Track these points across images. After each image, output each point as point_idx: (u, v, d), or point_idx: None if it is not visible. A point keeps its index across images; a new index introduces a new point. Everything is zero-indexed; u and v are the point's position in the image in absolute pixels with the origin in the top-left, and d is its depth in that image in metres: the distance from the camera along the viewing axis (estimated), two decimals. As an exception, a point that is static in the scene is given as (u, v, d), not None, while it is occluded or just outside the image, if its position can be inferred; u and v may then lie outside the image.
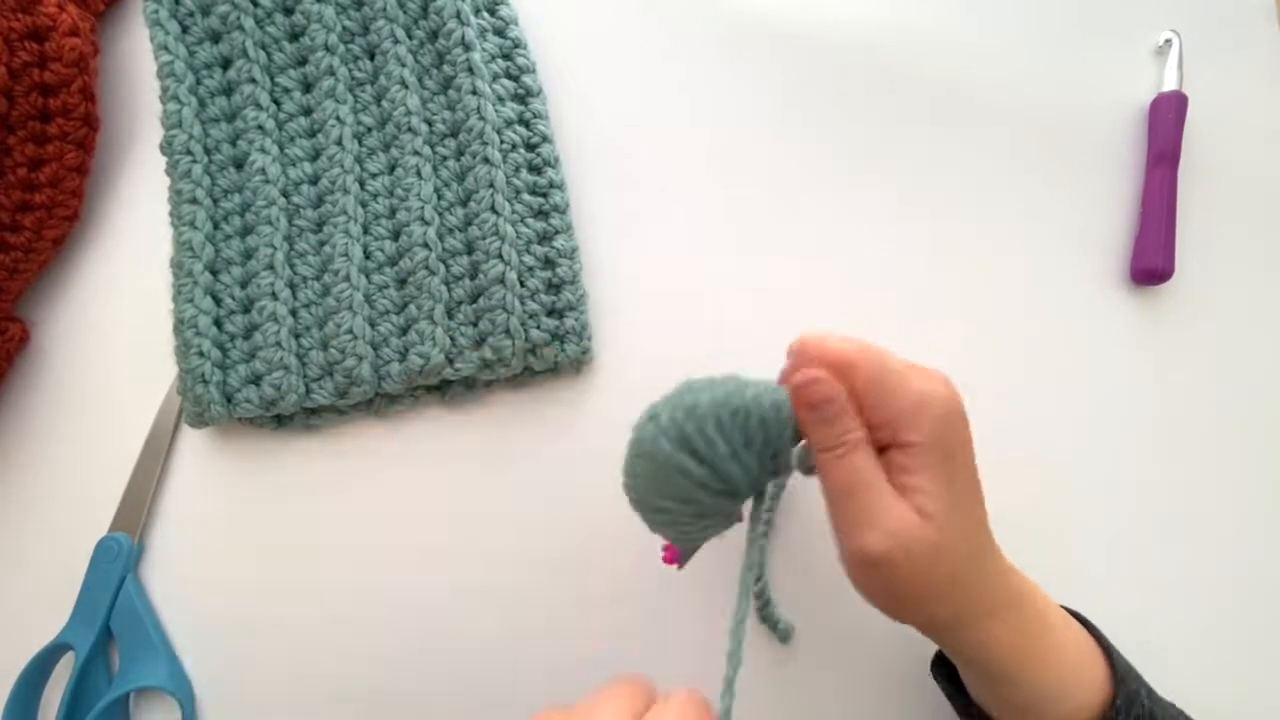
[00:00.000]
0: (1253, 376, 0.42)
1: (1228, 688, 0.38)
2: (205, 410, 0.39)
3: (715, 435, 0.28)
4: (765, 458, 0.29)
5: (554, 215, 0.41)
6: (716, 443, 0.28)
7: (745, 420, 0.28)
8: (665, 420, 0.28)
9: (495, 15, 0.43)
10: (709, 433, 0.28)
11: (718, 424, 0.28)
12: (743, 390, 0.28)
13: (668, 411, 0.28)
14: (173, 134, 0.41)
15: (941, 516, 0.27)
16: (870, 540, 0.26)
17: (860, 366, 0.27)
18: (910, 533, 0.26)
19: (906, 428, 0.27)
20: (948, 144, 0.44)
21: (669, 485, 0.29)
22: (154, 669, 0.38)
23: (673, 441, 0.28)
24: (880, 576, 0.27)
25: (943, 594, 0.28)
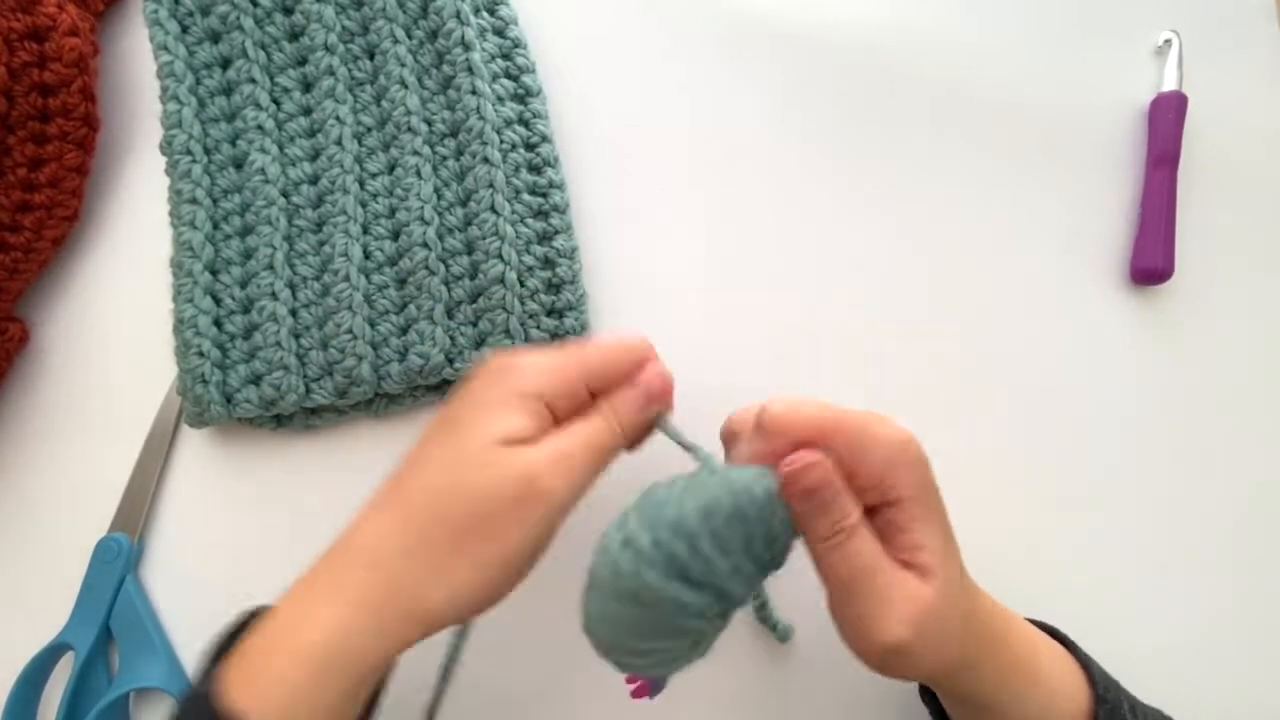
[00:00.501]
0: (1252, 376, 0.42)
1: (1227, 686, 0.38)
2: (205, 410, 0.39)
3: (712, 551, 0.23)
4: (765, 558, 0.25)
5: (554, 215, 0.41)
6: (715, 560, 0.23)
7: (742, 524, 0.24)
8: (646, 544, 0.23)
9: (495, 15, 0.43)
10: (705, 550, 0.23)
11: (712, 537, 0.23)
12: (728, 486, 0.24)
13: (647, 533, 0.24)
14: (172, 134, 0.41)
15: (941, 570, 0.26)
16: (890, 632, 0.25)
17: (838, 433, 0.25)
18: (924, 610, 0.25)
19: (896, 484, 0.26)
20: (947, 144, 0.44)
21: (658, 623, 0.24)
22: (154, 669, 0.38)
23: (661, 570, 0.23)
24: (902, 663, 0.26)
25: (951, 654, 0.27)
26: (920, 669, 0.26)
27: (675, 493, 0.24)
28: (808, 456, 0.25)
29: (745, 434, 0.27)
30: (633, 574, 0.24)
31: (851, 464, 0.25)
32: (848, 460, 0.25)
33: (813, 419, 0.25)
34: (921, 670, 0.27)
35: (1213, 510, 0.41)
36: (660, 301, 0.42)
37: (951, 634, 0.26)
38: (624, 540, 0.24)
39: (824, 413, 0.26)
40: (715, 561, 0.24)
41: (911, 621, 0.25)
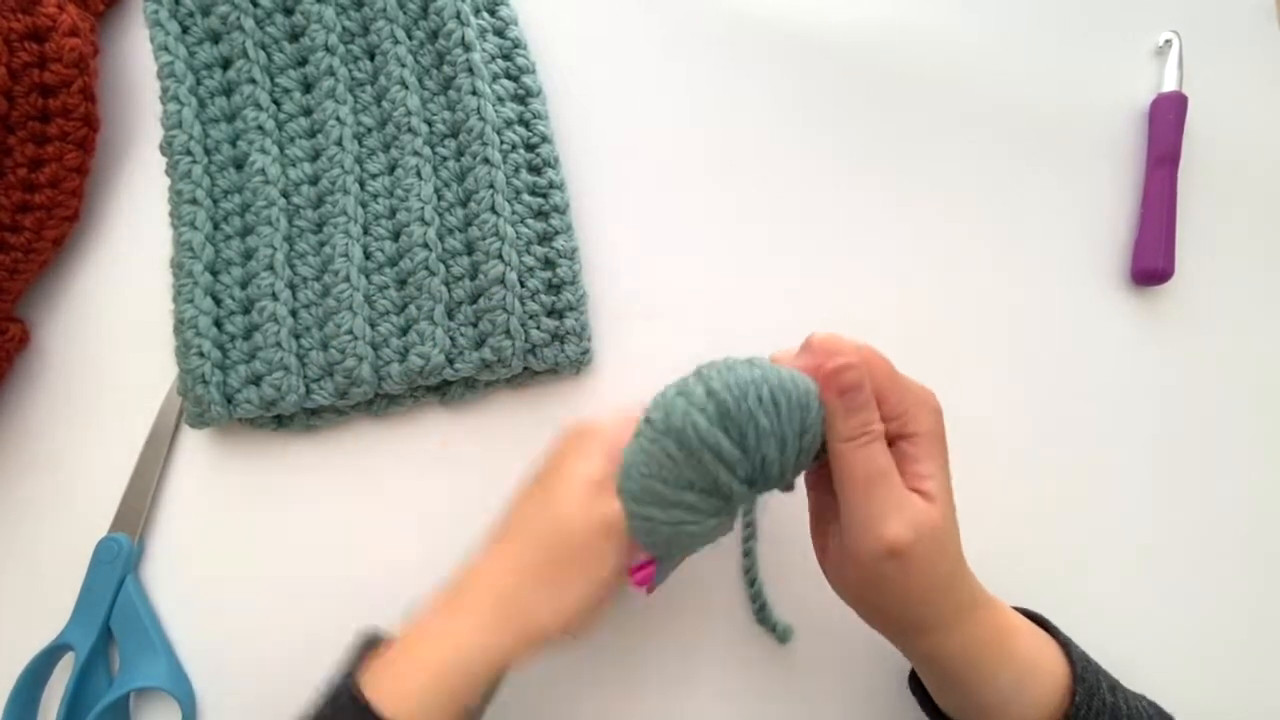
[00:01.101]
0: (1252, 376, 0.42)
1: (1225, 685, 0.38)
2: (205, 411, 0.39)
3: (758, 410, 0.26)
4: (797, 445, 0.27)
5: (554, 216, 0.41)
6: (759, 419, 0.26)
7: (786, 399, 0.26)
8: (701, 394, 0.26)
9: (495, 15, 0.43)
10: (751, 407, 0.26)
11: (758, 399, 0.26)
12: (777, 370, 0.27)
13: (702, 385, 0.26)
14: (173, 134, 0.41)
15: (943, 502, 0.28)
16: (895, 529, 0.27)
17: (875, 362, 0.29)
18: (926, 521, 0.27)
19: (914, 420, 0.29)
20: (948, 144, 0.44)
21: (695, 472, 0.26)
22: (154, 669, 0.38)
23: (711, 418, 0.26)
24: (899, 568, 0.28)
25: (942, 588, 0.29)
26: (910, 583, 0.28)
27: (728, 364, 0.27)
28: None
29: (788, 358, 0.30)
30: (684, 414, 0.26)
31: (880, 393, 0.29)
32: (878, 389, 0.29)
33: (855, 347, 0.29)
34: (907, 588, 0.28)
35: (1213, 510, 0.41)
36: (660, 302, 0.42)
37: (945, 561, 0.29)
38: (679, 390, 0.27)
39: (864, 346, 0.29)
40: (759, 420, 0.26)
41: (915, 527, 0.27)
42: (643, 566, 0.30)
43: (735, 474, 0.26)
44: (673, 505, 0.28)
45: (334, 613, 0.40)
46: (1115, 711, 0.30)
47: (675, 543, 0.29)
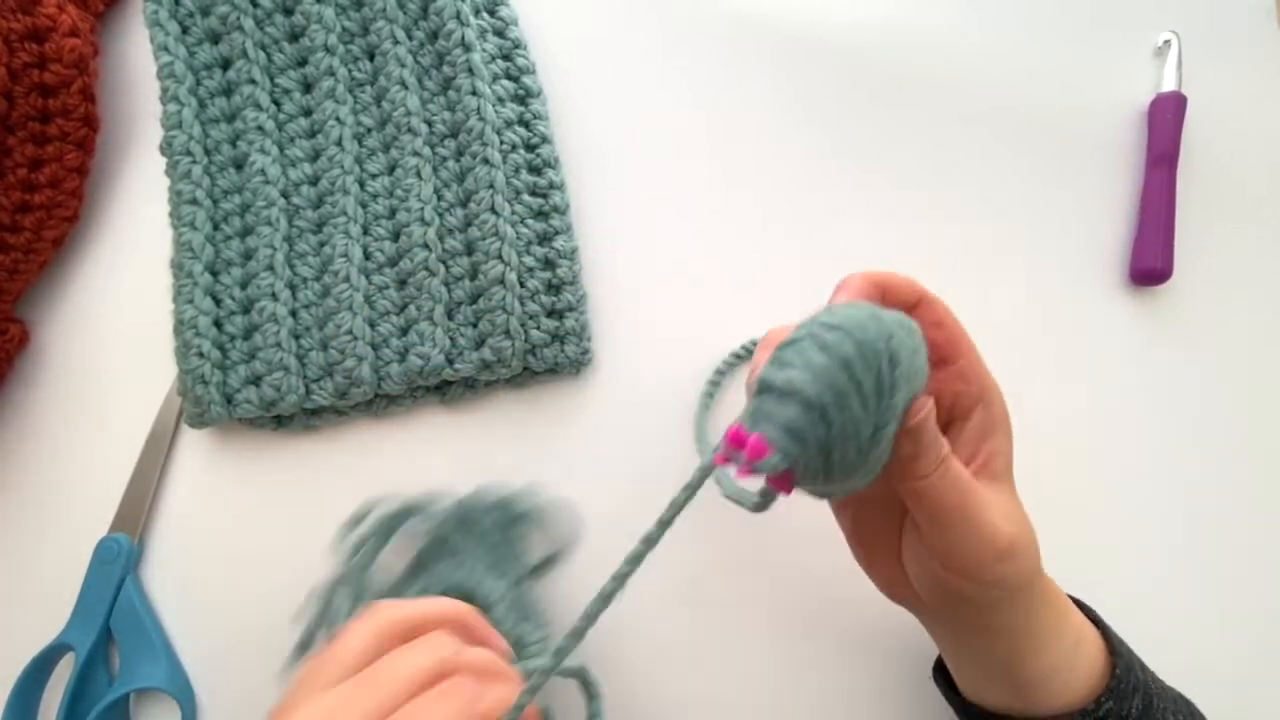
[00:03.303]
0: (1252, 376, 0.42)
1: (1225, 685, 0.38)
2: (205, 411, 0.39)
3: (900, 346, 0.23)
4: (881, 416, 0.23)
5: (554, 216, 0.41)
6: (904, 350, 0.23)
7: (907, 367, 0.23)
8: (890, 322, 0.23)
9: (495, 16, 0.43)
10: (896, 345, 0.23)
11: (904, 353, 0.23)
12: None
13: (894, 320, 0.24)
14: (172, 135, 0.41)
15: (1008, 476, 0.28)
16: (1003, 535, 0.26)
17: (959, 326, 0.29)
18: (1010, 506, 0.27)
19: (990, 391, 0.28)
20: (948, 144, 0.44)
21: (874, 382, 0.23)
22: (154, 670, 0.38)
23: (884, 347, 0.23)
24: (1013, 566, 0.27)
25: (1037, 557, 0.28)
26: (1025, 568, 0.27)
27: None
28: (928, 403, 0.25)
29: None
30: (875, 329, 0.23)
31: (965, 350, 0.28)
32: (965, 349, 0.28)
33: (939, 304, 0.29)
34: (1023, 571, 0.27)
35: (1212, 509, 0.41)
36: (660, 302, 0.42)
37: (1034, 534, 0.28)
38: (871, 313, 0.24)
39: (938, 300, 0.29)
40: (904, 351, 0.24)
41: (1010, 518, 0.27)
42: (784, 479, 0.24)
43: (897, 402, 0.23)
44: (842, 419, 0.23)
45: (334, 613, 0.40)
46: (1147, 689, 0.30)
47: (838, 457, 0.23)
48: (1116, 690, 0.29)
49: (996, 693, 0.31)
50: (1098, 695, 0.29)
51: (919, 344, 0.25)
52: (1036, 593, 0.29)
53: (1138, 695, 0.29)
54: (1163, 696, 0.31)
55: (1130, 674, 0.30)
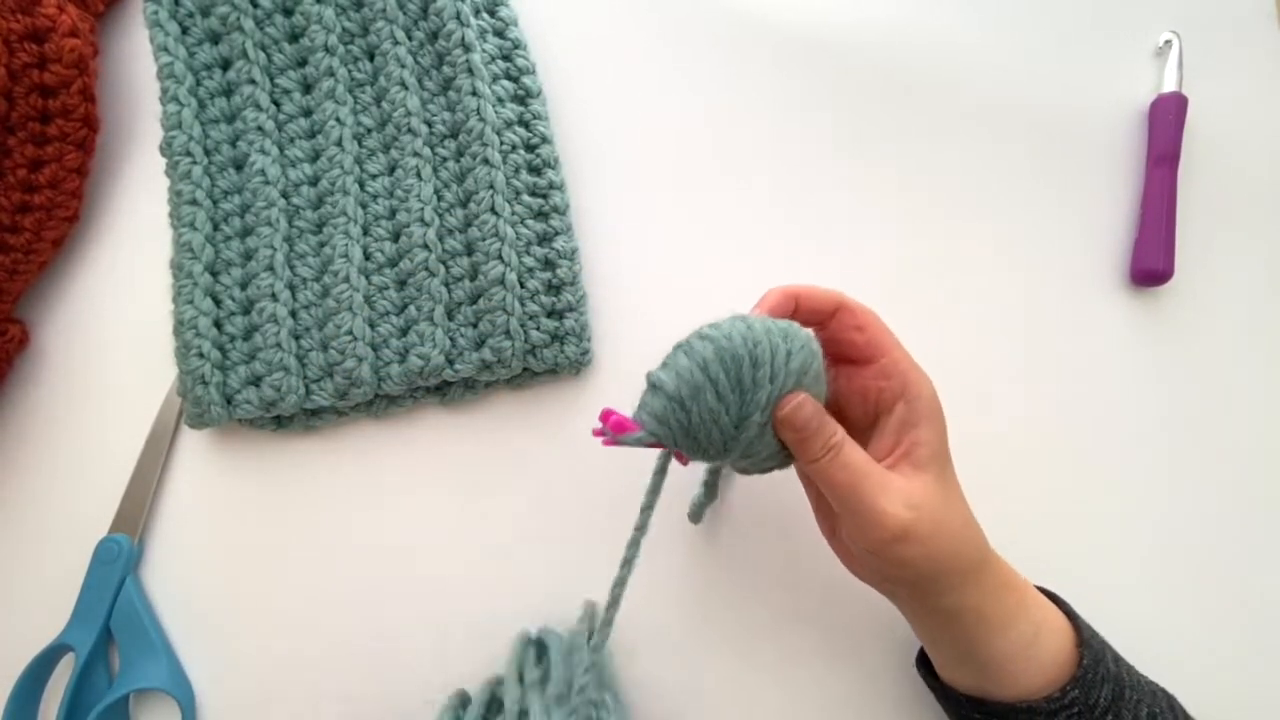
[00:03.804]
0: (1252, 377, 0.42)
1: (1225, 685, 0.38)
2: (205, 411, 0.39)
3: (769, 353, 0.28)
4: (745, 406, 0.28)
5: (554, 216, 0.41)
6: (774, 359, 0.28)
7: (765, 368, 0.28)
8: (760, 329, 0.28)
9: (495, 16, 0.43)
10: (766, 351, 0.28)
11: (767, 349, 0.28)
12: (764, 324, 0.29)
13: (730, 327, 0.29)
14: (172, 135, 0.41)
15: (934, 467, 0.29)
16: (894, 515, 0.28)
17: (878, 321, 0.31)
18: (918, 493, 0.28)
19: (915, 384, 0.30)
20: (948, 145, 0.44)
21: (731, 382, 0.28)
22: (154, 670, 0.38)
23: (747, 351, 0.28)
24: (908, 549, 0.28)
25: (956, 547, 0.29)
26: (927, 555, 0.29)
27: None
28: (796, 399, 0.28)
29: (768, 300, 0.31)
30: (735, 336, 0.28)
31: (886, 347, 0.30)
32: (886, 346, 0.30)
33: (850, 303, 0.31)
34: (929, 556, 0.29)
35: (1212, 510, 0.41)
36: (660, 302, 0.42)
37: (949, 524, 0.29)
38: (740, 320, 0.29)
39: (860, 305, 0.31)
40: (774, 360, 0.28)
41: (909, 503, 0.28)
42: (622, 422, 0.29)
43: (759, 398, 0.28)
44: (701, 401, 0.28)
45: (334, 613, 0.40)
46: (1119, 680, 0.31)
47: (692, 432, 0.29)
48: (1083, 680, 0.30)
49: (964, 674, 0.32)
50: (1063, 684, 0.30)
51: (798, 349, 0.29)
52: (982, 582, 0.30)
53: (1106, 686, 0.30)
54: (1137, 689, 0.31)
55: (1099, 665, 0.30)
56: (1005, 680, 0.31)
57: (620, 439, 0.29)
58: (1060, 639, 0.31)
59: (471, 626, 0.40)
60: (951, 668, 0.33)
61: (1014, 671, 0.30)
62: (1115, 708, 0.30)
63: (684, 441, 0.29)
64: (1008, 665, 0.30)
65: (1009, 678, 0.31)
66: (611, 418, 0.29)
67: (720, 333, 0.28)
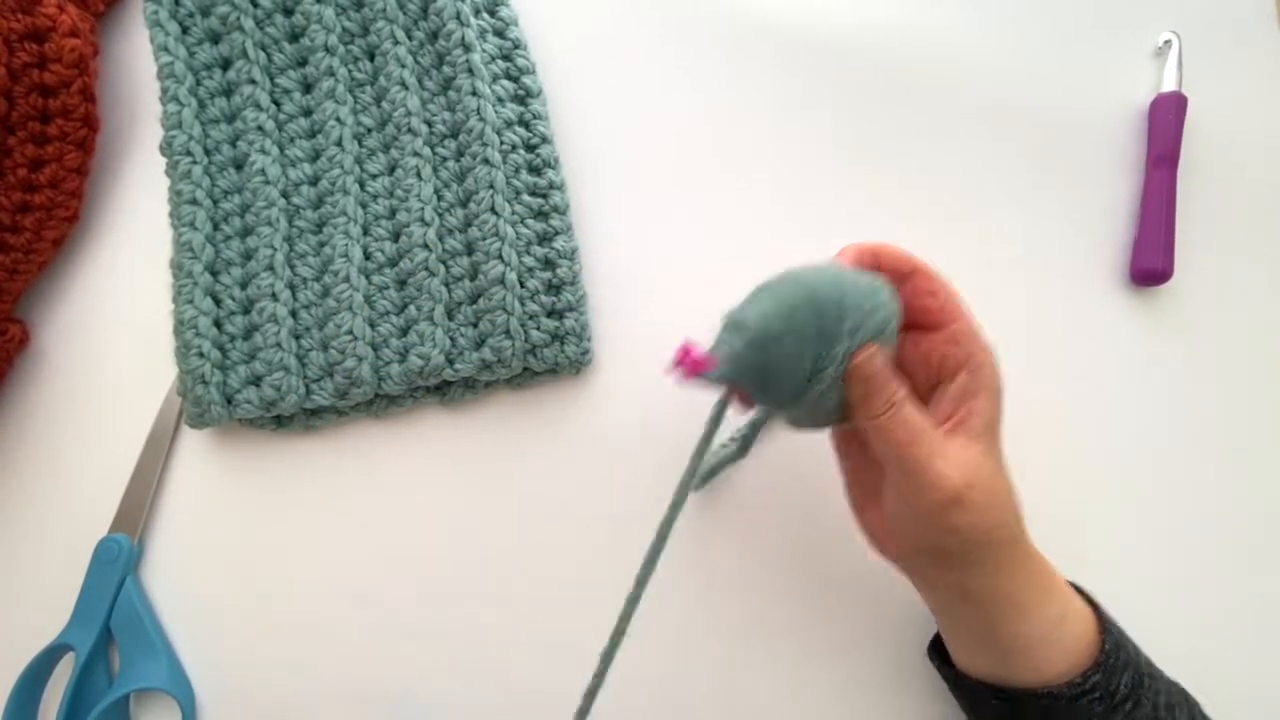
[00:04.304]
0: (1252, 376, 0.42)
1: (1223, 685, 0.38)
2: (205, 411, 0.39)
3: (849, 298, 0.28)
4: (819, 353, 0.28)
5: (554, 216, 0.41)
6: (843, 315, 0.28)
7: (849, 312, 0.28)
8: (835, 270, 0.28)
9: (495, 16, 0.43)
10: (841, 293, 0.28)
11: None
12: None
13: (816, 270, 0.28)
14: (172, 135, 0.41)
15: (987, 438, 0.29)
16: (949, 478, 0.28)
17: (948, 286, 0.31)
18: (972, 461, 0.28)
19: (978, 354, 0.30)
20: (948, 145, 0.44)
21: (811, 323, 0.27)
22: (154, 670, 0.38)
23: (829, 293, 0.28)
24: (961, 514, 0.28)
25: (1001, 520, 0.29)
26: (975, 524, 0.28)
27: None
28: (867, 351, 0.28)
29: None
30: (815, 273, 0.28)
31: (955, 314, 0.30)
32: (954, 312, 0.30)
33: (925, 268, 0.31)
34: (976, 525, 0.28)
35: (1212, 510, 0.41)
36: (660, 303, 0.42)
37: (998, 494, 0.29)
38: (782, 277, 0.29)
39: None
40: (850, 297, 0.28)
41: (964, 469, 0.28)
42: (699, 361, 0.28)
43: (837, 342, 0.28)
44: (789, 355, 0.28)
45: (334, 613, 0.40)
46: (1139, 668, 0.31)
47: (769, 372, 0.28)
48: (1105, 665, 0.30)
49: (982, 660, 0.32)
50: (1085, 669, 0.30)
51: (881, 305, 0.28)
52: (1016, 560, 0.30)
53: (1127, 672, 0.30)
54: (1156, 679, 0.31)
55: (1120, 651, 0.30)
56: (1027, 664, 0.30)
57: (695, 376, 0.28)
58: (1084, 624, 0.31)
59: (472, 626, 0.40)
60: (970, 652, 0.32)
61: (1037, 656, 0.30)
62: (1135, 695, 0.30)
63: (756, 385, 0.28)
64: (1032, 649, 0.30)
65: (1032, 662, 0.30)
66: (690, 354, 0.28)
67: (809, 278, 0.28)
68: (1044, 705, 0.30)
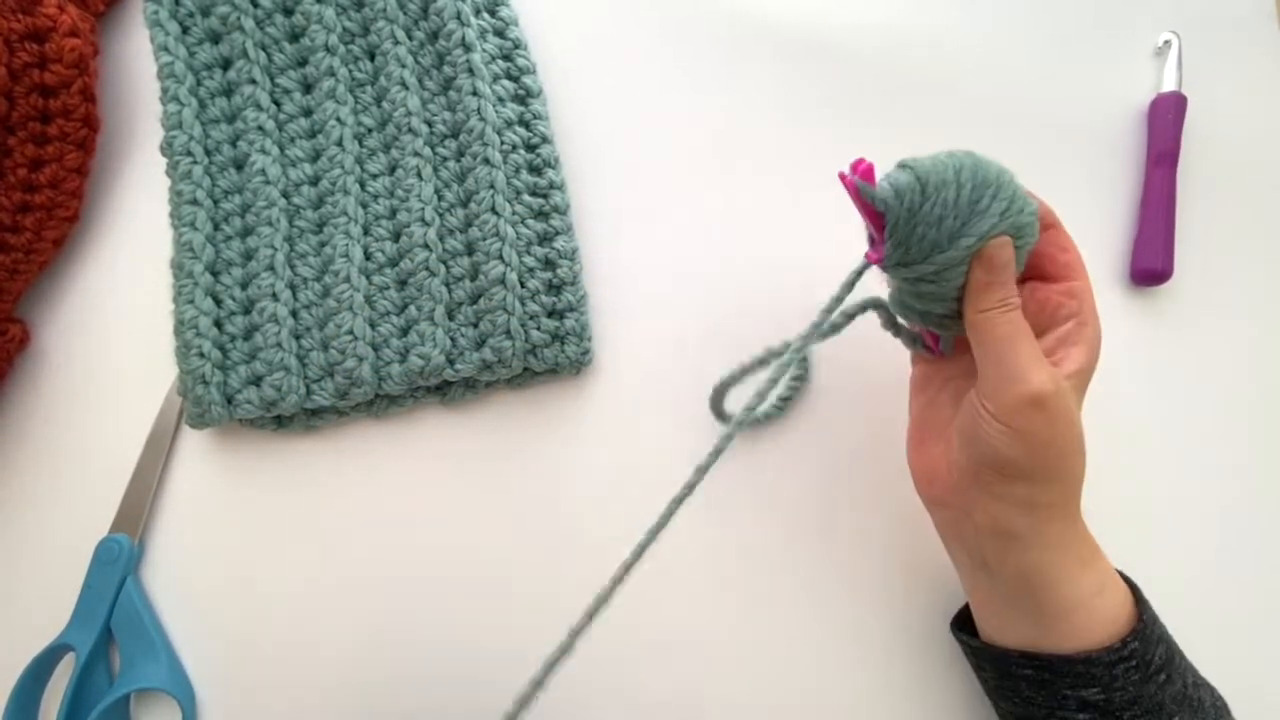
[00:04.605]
0: (1252, 376, 0.42)
1: (1223, 685, 0.38)
2: (206, 411, 0.39)
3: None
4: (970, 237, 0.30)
5: (554, 216, 0.41)
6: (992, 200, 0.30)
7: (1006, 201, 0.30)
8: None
9: (495, 16, 0.43)
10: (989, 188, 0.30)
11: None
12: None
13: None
14: (173, 135, 0.41)
15: (1078, 385, 0.30)
16: (1037, 378, 0.28)
17: (1064, 230, 0.33)
18: (1063, 378, 0.29)
19: (1090, 312, 0.31)
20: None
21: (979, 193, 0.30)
22: (154, 670, 0.38)
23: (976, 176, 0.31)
24: (1043, 418, 0.29)
25: (1074, 447, 0.30)
26: (1047, 438, 0.29)
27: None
28: (1001, 239, 0.30)
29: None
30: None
31: (1073, 260, 0.32)
32: (1072, 258, 0.32)
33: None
34: (1047, 441, 0.29)
35: (1213, 509, 0.41)
36: (660, 302, 0.42)
37: (1074, 423, 0.30)
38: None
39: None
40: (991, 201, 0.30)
41: (1054, 380, 0.29)
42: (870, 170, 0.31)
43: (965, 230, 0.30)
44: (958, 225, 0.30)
45: (334, 613, 0.40)
46: (1170, 645, 0.32)
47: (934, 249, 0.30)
48: (1142, 634, 0.30)
49: (1018, 626, 0.32)
50: (1123, 636, 0.30)
51: (1031, 212, 0.31)
52: (1069, 517, 0.31)
53: (1162, 645, 0.31)
54: (1185, 660, 0.32)
55: (1155, 626, 0.31)
56: (1065, 630, 0.30)
57: (861, 188, 0.30)
58: (1122, 595, 0.31)
59: (473, 626, 0.40)
60: (1005, 617, 0.32)
61: (1076, 621, 0.30)
62: (1168, 669, 0.30)
63: (904, 223, 0.30)
64: (1072, 615, 0.30)
65: (1070, 628, 0.30)
66: (863, 163, 0.30)
67: (981, 156, 0.31)
68: (1078, 671, 0.30)
